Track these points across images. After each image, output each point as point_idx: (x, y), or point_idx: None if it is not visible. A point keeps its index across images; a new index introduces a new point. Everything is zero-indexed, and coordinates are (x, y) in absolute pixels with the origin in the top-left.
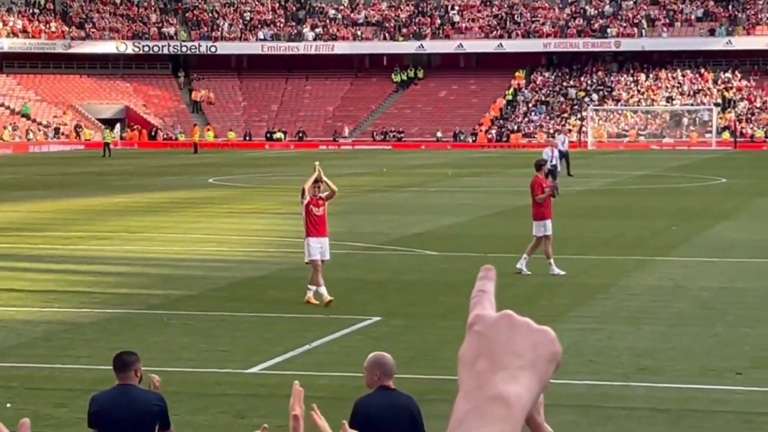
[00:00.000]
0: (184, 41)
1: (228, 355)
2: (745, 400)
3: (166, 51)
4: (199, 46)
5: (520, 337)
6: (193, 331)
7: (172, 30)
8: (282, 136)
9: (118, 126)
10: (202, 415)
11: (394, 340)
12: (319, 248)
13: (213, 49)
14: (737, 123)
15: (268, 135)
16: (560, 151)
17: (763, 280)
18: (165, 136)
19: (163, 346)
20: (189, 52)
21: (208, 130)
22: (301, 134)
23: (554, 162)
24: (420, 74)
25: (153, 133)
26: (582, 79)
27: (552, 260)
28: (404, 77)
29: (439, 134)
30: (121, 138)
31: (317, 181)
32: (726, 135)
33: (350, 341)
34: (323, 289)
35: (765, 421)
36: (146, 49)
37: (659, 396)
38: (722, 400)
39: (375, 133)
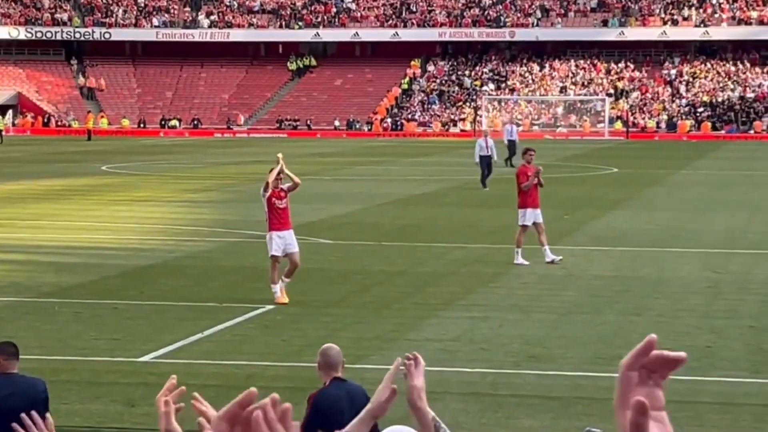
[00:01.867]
0: (77, 27)
1: (119, 344)
2: None
3: (59, 37)
4: (93, 32)
5: None
6: (84, 319)
7: (65, 16)
8: (177, 123)
9: (10, 113)
10: (93, 403)
11: (286, 328)
12: (282, 243)
13: (107, 36)
14: (629, 113)
15: (163, 122)
16: (509, 141)
17: (652, 269)
18: (59, 123)
19: (53, 334)
20: (83, 38)
21: (102, 117)
22: (196, 122)
23: (488, 152)
24: (314, 62)
25: (46, 120)
26: (477, 68)
27: (547, 247)
28: (300, 65)
29: (336, 123)
30: (13, 125)
31: (280, 173)
32: (618, 125)
33: (242, 329)
34: (287, 280)
35: None
36: (39, 34)
37: (549, 383)
38: (612, 387)
39: (282, 122)
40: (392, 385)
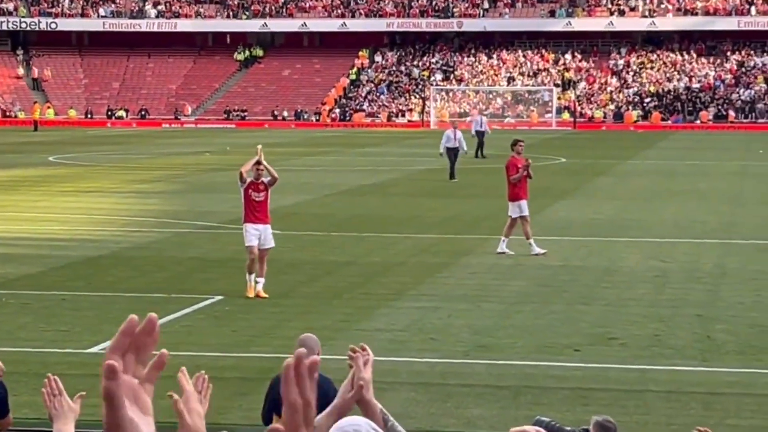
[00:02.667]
0: (23, 17)
1: (68, 335)
2: (582, 377)
3: (4, 27)
4: (39, 22)
5: None
6: (32, 310)
7: (11, 5)
8: (124, 114)
9: None
10: (41, 395)
11: (236, 318)
12: (257, 235)
13: (53, 26)
14: (577, 103)
15: (110, 113)
16: (477, 132)
17: (600, 258)
18: (6, 114)
19: (1, 326)
20: (29, 28)
21: (48, 107)
22: (143, 112)
23: (456, 144)
24: (260, 53)
25: None
26: (425, 59)
27: (532, 240)
28: (248, 56)
29: (285, 113)
30: None
31: (258, 163)
32: (566, 115)
33: (192, 320)
34: (261, 281)
35: (601, 397)
36: None
37: (498, 373)
38: (560, 376)
39: (230, 112)
40: (360, 382)
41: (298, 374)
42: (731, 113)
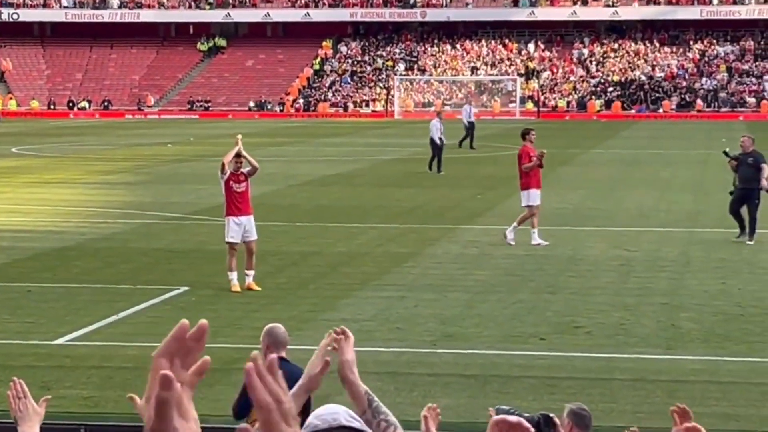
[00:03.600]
0: None
1: (33, 327)
2: (548, 365)
3: None
4: (1, 13)
5: None
6: None
7: None
8: (86, 105)
9: None
10: (6, 387)
11: (202, 309)
12: (239, 230)
13: (15, 17)
14: (540, 93)
15: (71, 104)
16: (469, 123)
17: (564, 248)
18: None
19: None
20: None
21: (11, 98)
22: (106, 103)
23: (440, 135)
24: (223, 43)
25: None
26: (389, 48)
27: (536, 230)
28: (211, 46)
29: (252, 104)
30: None
31: (238, 155)
32: (529, 105)
33: (158, 311)
34: (251, 273)
35: (568, 386)
36: None
37: (465, 362)
38: (526, 365)
39: (194, 103)
40: (326, 357)
41: (260, 375)
42: (699, 102)
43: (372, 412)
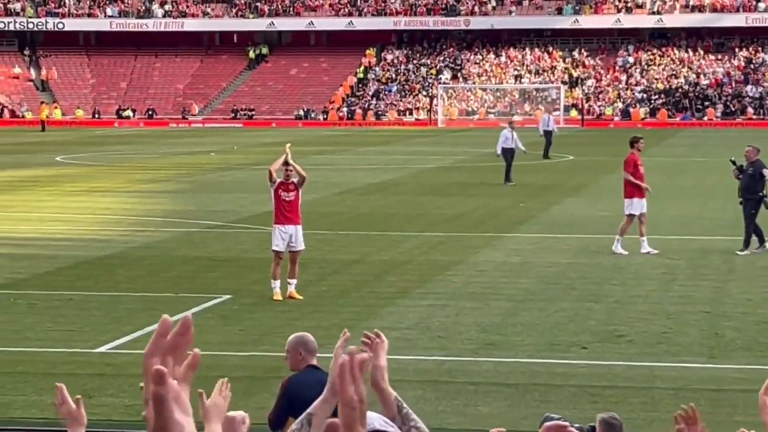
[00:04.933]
0: (30, 17)
1: (75, 335)
2: (589, 374)
3: (12, 27)
4: (46, 22)
5: None
6: (39, 310)
7: (18, 6)
8: (131, 113)
9: None
10: (48, 395)
11: (243, 318)
12: (285, 239)
13: (60, 26)
14: (584, 101)
15: (121, 112)
16: (545, 132)
17: (607, 256)
18: (14, 114)
19: (9, 326)
20: (36, 28)
21: (56, 107)
22: (150, 112)
23: (511, 145)
24: (267, 51)
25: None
26: (432, 57)
27: (645, 239)
28: (258, 53)
29: (300, 112)
30: None
31: (286, 163)
32: (573, 113)
33: (199, 319)
34: (294, 282)
35: (610, 394)
36: None
37: (506, 371)
38: (568, 374)
39: (237, 111)
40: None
41: (353, 372)
42: (750, 110)
43: (402, 419)
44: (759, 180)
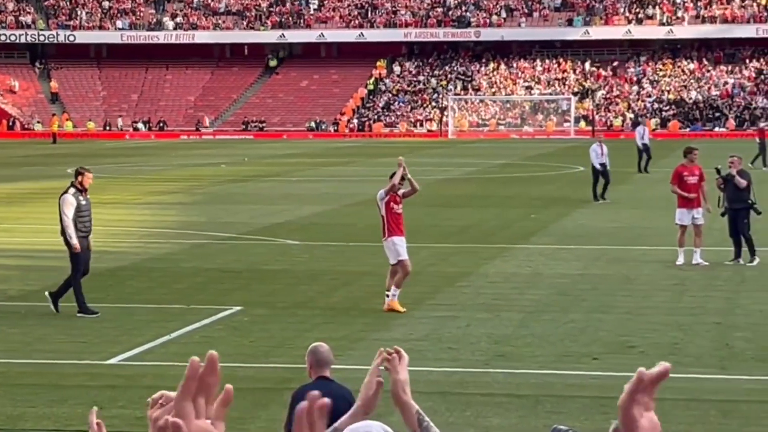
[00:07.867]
0: (41, 30)
1: (86, 346)
2: (601, 385)
3: (23, 40)
4: (57, 35)
5: None
6: (50, 322)
7: (29, 18)
8: (142, 126)
9: None
10: (59, 407)
11: (255, 329)
12: (403, 245)
13: (71, 38)
14: (595, 112)
15: (135, 125)
16: (643, 145)
17: (618, 267)
18: (24, 127)
19: (20, 338)
20: (47, 41)
21: (67, 119)
22: (161, 124)
23: (603, 160)
24: (275, 63)
25: (11, 124)
26: (443, 68)
27: (698, 250)
28: (275, 63)
29: (312, 124)
30: None
31: (403, 178)
32: (583, 124)
33: (211, 331)
34: (398, 292)
35: None
36: (3, 38)
37: (517, 382)
38: (579, 385)
39: (248, 123)
40: (377, 378)
41: (310, 419)
42: (762, 123)
43: (422, 431)
44: (745, 188)
